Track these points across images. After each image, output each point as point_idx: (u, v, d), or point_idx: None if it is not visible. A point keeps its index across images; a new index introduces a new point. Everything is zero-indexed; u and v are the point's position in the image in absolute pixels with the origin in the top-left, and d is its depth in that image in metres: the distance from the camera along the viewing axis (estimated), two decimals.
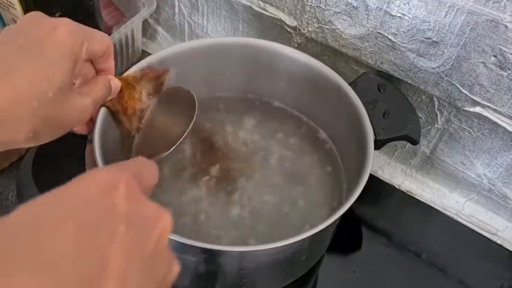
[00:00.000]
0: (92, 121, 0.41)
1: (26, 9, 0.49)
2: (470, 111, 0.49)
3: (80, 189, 0.22)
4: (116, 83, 0.41)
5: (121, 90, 0.42)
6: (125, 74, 0.44)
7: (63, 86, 0.32)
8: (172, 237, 0.36)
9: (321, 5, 0.52)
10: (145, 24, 0.71)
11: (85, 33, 0.35)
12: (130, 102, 0.44)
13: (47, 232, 0.19)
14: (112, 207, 0.21)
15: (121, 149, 0.46)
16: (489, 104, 0.48)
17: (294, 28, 0.57)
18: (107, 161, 0.41)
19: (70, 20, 0.34)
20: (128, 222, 0.21)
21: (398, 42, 0.49)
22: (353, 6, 0.50)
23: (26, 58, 0.31)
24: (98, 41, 0.36)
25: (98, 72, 0.39)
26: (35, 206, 0.20)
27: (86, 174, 0.22)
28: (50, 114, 0.32)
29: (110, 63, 0.39)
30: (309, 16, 0.54)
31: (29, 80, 0.30)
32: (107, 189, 0.21)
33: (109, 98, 0.41)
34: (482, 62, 0.45)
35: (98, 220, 0.20)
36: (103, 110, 0.44)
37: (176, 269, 0.24)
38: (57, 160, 0.41)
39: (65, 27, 0.33)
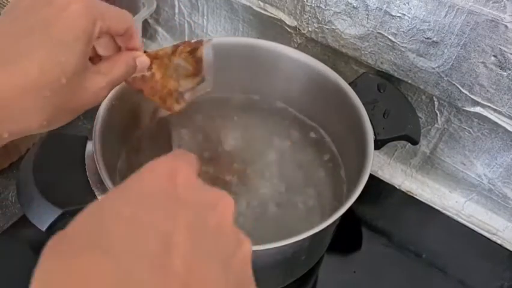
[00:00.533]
0: None
1: None
2: (470, 111, 0.49)
3: (142, 180, 0.22)
4: (143, 60, 0.37)
5: (151, 69, 0.39)
6: (156, 50, 0.40)
7: (77, 71, 0.30)
8: None
9: (321, 5, 0.52)
10: (145, 24, 0.71)
11: (100, 11, 0.31)
12: (161, 82, 0.40)
13: (112, 217, 0.20)
14: (173, 194, 0.22)
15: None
16: (489, 104, 0.48)
17: (294, 28, 0.57)
18: (107, 160, 0.41)
19: None
20: (189, 207, 0.21)
21: (398, 42, 0.49)
22: (353, 6, 0.50)
23: (38, 41, 0.29)
24: (114, 20, 0.33)
25: (124, 49, 0.36)
26: (103, 199, 0.22)
27: (145, 166, 0.23)
28: (64, 101, 0.30)
29: (134, 43, 0.36)
30: (309, 16, 0.54)
31: (42, 66, 0.28)
32: (167, 178, 0.22)
33: (134, 75, 0.37)
34: (482, 62, 0.45)
35: (161, 206, 0.21)
36: (103, 109, 0.44)
37: (247, 245, 0.24)
38: (57, 160, 0.41)
39: (77, 4, 0.30)
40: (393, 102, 0.49)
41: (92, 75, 0.32)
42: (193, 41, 0.41)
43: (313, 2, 0.52)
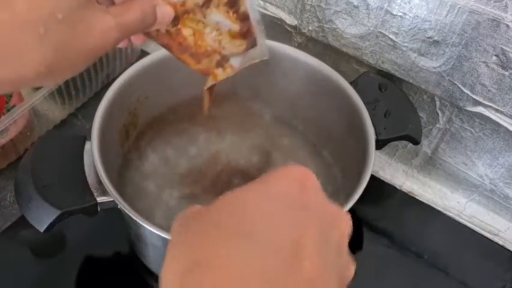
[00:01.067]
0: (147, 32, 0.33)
1: None
2: (471, 111, 0.49)
3: (279, 181, 0.24)
4: (164, 11, 0.32)
5: (176, 24, 0.32)
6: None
7: (75, 5, 0.26)
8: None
9: (321, 4, 0.52)
10: None
11: None
12: (194, 40, 0.33)
13: (256, 210, 0.22)
14: (305, 201, 0.23)
15: None
16: (491, 104, 0.47)
17: (295, 27, 0.56)
18: (105, 161, 0.41)
19: None
20: (317, 218, 0.23)
21: (399, 42, 0.49)
22: (354, 5, 0.49)
23: None
24: None
25: None
26: (241, 192, 0.23)
27: (281, 169, 0.24)
28: (63, 41, 0.26)
29: None
30: (310, 15, 0.54)
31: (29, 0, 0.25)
32: (300, 184, 0.23)
33: (154, 28, 0.32)
34: (484, 62, 0.45)
35: (296, 210, 0.22)
36: (101, 109, 0.44)
37: (352, 271, 0.26)
38: (55, 160, 0.41)
39: None
40: (395, 102, 0.49)
41: (99, 13, 0.28)
42: None
43: (314, 1, 0.52)
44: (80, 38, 0.27)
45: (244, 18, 0.33)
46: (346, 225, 0.25)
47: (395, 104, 0.48)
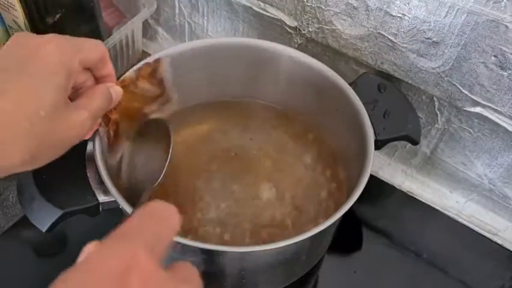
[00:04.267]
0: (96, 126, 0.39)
1: (27, 10, 0.49)
2: (470, 112, 0.49)
3: (93, 274, 0.20)
4: (117, 90, 0.39)
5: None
6: (121, 78, 0.42)
7: (56, 104, 0.31)
8: (174, 238, 0.36)
9: (321, 6, 0.52)
10: (146, 24, 0.71)
11: (75, 45, 0.33)
12: (135, 104, 0.42)
13: None
14: None
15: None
16: (489, 104, 0.48)
17: (294, 28, 0.57)
18: (107, 161, 0.41)
19: (57, 35, 0.33)
20: None
21: (398, 43, 0.49)
22: (353, 6, 0.50)
23: (11, 79, 0.30)
24: (90, 50, 0.35)
25: (98, 80, 0.38)
26: None
27: (89, 262, 0.20)
28: (46, 134, 0.30)
29: (109, 69, 0.38)
30: (309, 16, 0.54)
31: (16, 100, 0.29)
32: (117, 284, 0.19)
33: (111, 106, 0.38)
34: (483, 62, 0.45)
35: None
36: None
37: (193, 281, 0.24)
38: (57, 161, 0.41)
39: (51, 43, 0.31)
40: (394, 102, 0.49)
41: (74, 110, 0.33)
42: (151, 60, 0.43)
43: (314, 2, 0.52)
44: (61, 132, 0.31)
45: (161, 82, 0.44)
46: None
47: (394, 105, 0.49)
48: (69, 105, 0.33)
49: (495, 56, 0.44)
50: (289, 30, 0.57)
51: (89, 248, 0.22)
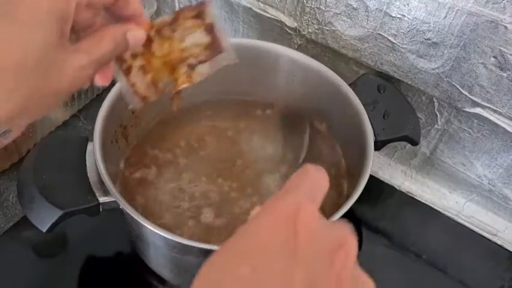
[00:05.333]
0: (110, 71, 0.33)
1: None
2: (470, 112, 0.49)
3: (259, 229, 0.21)
4: (136, 35, 0.32)
5: (150, 42, 0.33)
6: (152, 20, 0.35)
7: (46, 52, 0.27)
8: (174, 238, 0.36)
9: (321, 7, 0.52)
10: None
11: None
12: (166, 56, 0.35)
13: (232, 278, 0.20)
14: (291, 248, 0.20)
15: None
16: (489, 105, 0.48)
17: (294, 29, 0.57)
18: (108, 162, 0.41)
19: None
20: (308, 263, 0.20)
21: (398, 43, 0.49)
22: (353, 7, 0.50)
23: None
24: None
25: (121, 20, 0.32)
26: (219, 254, 0.21)
27: (263, 208, 0.22)
28: (35, 87, 0.27)
29: (133, 8, 0.32)
30: (309, 17, 0.54)
31: (1, 50, 0.26)
32: (286, 225, 0.21)
33: (128, 51, 0.33)
34: (482, 63, 0.45)
35: (279, 264, 0.20)
36: (103, 110, 0.44)
37: (371, 286, 0.24)
38: (58, 161, 0.41)
39: None
40: (393, 103, 0.49)
41: (71, 55, 0.28)
42: (193, 4, 0.35)
43: (313, 3, 0.52)
44: (53, 81, 0.28)
45: (210, 28, 0.35)
46: (347, 251, 0.22)
47: (394, 105, 0.49)
48: (65, 48, 0.28)
49: (494, 57, 0.44)
50: (289, 31, 0.57)
51: (257, 209, 0.23)
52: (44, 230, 0.38)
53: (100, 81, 0.32)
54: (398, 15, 0.47)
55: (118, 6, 0.31)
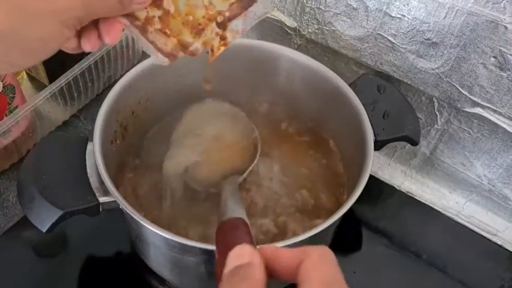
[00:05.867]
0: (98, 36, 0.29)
1: None
2: (470, 112, 0.49)
3: None
4: None
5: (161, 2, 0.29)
6: None
7: None
8: (174, 238, 0.36)
9: (320, 7, 0.52)
10: None
11: None
12: (186, 15, 0.29)
13: None
14: None
15: None
16: (489, 105, 0.48)
17: (294, 29, 0.57)
18: (107, 162, 0.41)
19: None
20: None
21: (398, 43, 0.49)
22: (353, 7, 0.50)
23: None
24: None
25: None
26: None
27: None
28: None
29: None
30: (309, 17, 0.54)
31: None
32: None
33: (129, 10, 0.28)
34: (482, 63, 0.45)
35: None
36: (103, 110, 0.44)
37: None
38: (58, 161, 0.41)
39: None
40: (393, 103, 0.49)
41: None
42: None
43: (313, 3, 0.52)
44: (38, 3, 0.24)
45: None
46: None
47: (394, 105, 0.49)
48: None
49: (494, 57, 0.44)
50: (289, 31, 0.57)
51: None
52: (44, 230, 0.38)
53: (87, 45, 0.29)
54: (398, 15, 0.47)
55: None
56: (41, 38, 0.25)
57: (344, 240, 0.52)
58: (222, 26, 0.31)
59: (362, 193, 0.39)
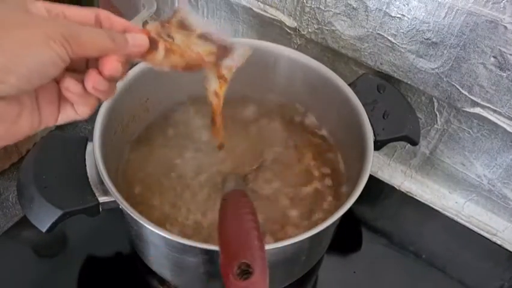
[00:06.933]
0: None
1: None
2: (469, 112, 0.49)
3: None
4: (136, 37, 0.32)
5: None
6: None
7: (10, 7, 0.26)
8: (174, 238, 0.36)
9: (320, 6, 0.52)
10: (145, 25, 0.71)
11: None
12: (180, 58, 0.34)
13: None
14: None
15: None
16: (488, 105, 0.48)
17: (294, 29, 0.57)
18: (107, 162, 0.41)
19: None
20: None
21: (398, 43, 0.49)
22: (353, 7, 0.50)
23: None
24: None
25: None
26: None
27: None
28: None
29: (121, 22, 0.33)
30: (309, 17, 0.54)
31: None
32: None
33: (136, 53, 0.33)
34: (482, 63, 0.45)
35: None
36: (103, 110, 0.44)
37: None
38: (58, 161, 0.41)
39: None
40: (393, 103, 0.49)
41: (38, 19, 0.27)
42: (166, 18, 0.36)
43: (313, 3, 0.52)
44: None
45: (203, 36, 0.36)
46: None
47: (394, 105, 0.49)
48: (32, 15, 0.27)
49: (494, 57, 0.44)
50: (289, 31, 0.57)
51: None
52: (44, 230, 0.38)
53: (82, 109, 0.31)
54: (398, 15, 0.47)
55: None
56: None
57: (344, 240, 0.52)
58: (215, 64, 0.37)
59: (361, 193, 0.39)
